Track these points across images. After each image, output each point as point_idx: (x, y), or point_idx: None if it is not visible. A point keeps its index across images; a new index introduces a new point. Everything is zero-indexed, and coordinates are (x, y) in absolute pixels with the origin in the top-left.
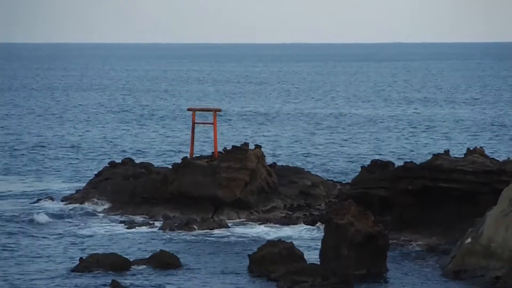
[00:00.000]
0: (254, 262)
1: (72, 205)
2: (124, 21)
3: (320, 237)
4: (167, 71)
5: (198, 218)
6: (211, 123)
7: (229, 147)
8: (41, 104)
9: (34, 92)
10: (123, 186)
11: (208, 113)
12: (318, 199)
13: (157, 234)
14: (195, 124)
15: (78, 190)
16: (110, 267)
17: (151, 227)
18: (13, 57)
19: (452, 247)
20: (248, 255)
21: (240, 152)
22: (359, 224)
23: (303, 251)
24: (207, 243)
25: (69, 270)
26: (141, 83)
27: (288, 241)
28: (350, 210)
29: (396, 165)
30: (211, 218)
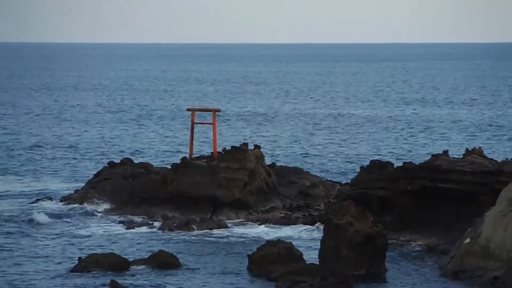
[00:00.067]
0: (254, 262)
1: (71, 205)
2: (124, 21)
3: (319, 237)
4: (167, 71)
5: (197, 218)
6: (210, 123)
7: (228, 147)
8: (39, 104)
9: (33, 92)
10: (122, 186)
11: (207, 113)
12: (317, 200)
13: (156, 234)
14: (194, 124)
15: (77, 190)
16: (109, 267)
17: (150, 227)
18: (13, 57)
19: (451, 248)
20: (248, 255)
21: (239, 153)
22: (358, 225)
23: (302, 251)
24: (206, 243)
25: (68, 270)
26: (140, 83)
27: (287, 241)
28: (349, 211)
29: (395, 166)
30: (210, 218)
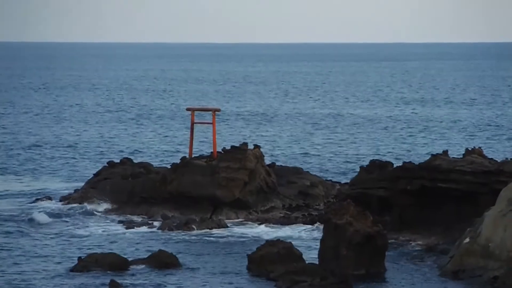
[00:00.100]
0: (253, 262)
1: (71, 205)
2: (124, 21)
3: (319, 237)
4: (166, 71)
5: (197, 218)
6: (210, 123)
7: (228, 147)
8: (39, 103)
9: (32, 91)
10: (122, 186)
11: (207, 113)
12: (317, 199)
13: (156, 234)
14: (194, 124)
15: (77, 190)
16: (109, 267)
17: (150, 227)
18: (13, 56)
19: (451, 247)
20: (247, 255)
21: (239, 152)
22: (358, 224)
23: (302, 251)
24: (206, 243)
25: (68, 270)
26: (140, 83)
27: (287, 241)
28: (349, 210)
29: (395, 165)
30: (210, 218)
